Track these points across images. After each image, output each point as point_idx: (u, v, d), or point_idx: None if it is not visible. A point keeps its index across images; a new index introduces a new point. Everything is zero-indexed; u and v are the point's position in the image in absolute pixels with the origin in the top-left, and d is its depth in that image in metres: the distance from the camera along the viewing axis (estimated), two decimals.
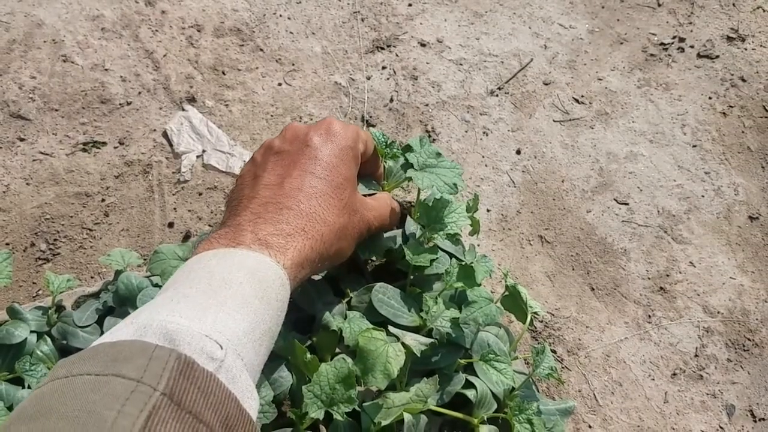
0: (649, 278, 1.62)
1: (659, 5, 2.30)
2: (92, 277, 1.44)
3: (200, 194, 1.61)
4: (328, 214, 0.82)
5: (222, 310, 0.61)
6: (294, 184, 0.81)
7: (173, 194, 1.61)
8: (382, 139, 1.09)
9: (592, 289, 1.58)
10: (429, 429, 1.18)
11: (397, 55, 1.88)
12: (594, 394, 1.43)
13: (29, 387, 1.15)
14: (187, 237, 1.55)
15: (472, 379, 1.23)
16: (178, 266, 1.28)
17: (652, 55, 2.15)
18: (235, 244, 0.72)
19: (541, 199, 1.69)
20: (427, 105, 1.79)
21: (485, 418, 1.18)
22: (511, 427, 1.14)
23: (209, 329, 0.57)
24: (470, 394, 1.19)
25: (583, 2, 2.23)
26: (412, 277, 1.32)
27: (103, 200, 1.59)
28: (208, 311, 0.60)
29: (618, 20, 2.22)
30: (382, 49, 1.89)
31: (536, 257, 1.59)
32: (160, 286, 1.27)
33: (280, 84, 1.78)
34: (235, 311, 0.62)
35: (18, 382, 1.16)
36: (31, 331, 1.21)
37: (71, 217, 1.56)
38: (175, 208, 1.59)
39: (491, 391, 1.21)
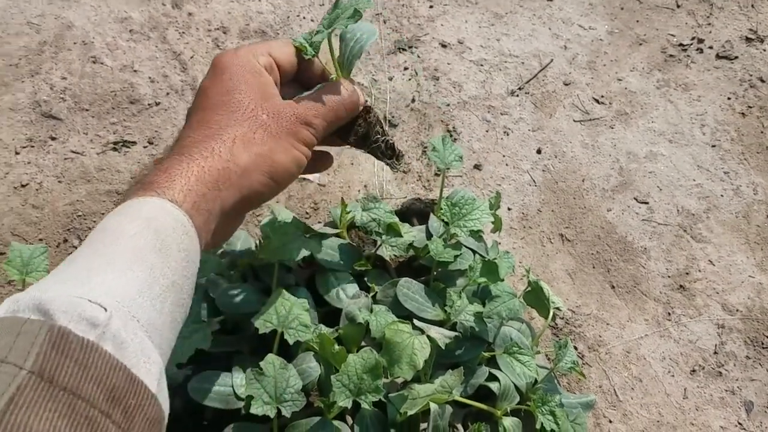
0: (668, 276, 1.64)
1: (678, 6, 2.31)
2: None
3: None
4: (217, 142, 0.70)
5: (110, 269, 0.55)
6: (184, 132, 0.74)
7: None
8: (305, 38, 0.84)
9: (613, 287, 1.60)
10: (453, 420, 1.21)
11: (418, 56, 1.91)
12: (614, 390, 1.45)
13: None
14: None
15: (495, 372, 1.26)
16: (212, 259, 1.32)
17: (671, 55, 2.17)
18: (132, 197, 0.65)
19: (561, 198, 1.71)
20: (448, 105, 1.82)
21: (508, 410, 1.21)
22: (535, 419, 1.16)
23: (93, 292, 0.51)
24: (494, 386, 1.22)
25: (602, 4, 2.24)
26: (435, 272, 1.35)
27: None
28: (93, 272, 0.54)
29: (637, 21, 2.24)
30: (404, 50, 1.92)
31: (557, 255, 1.62)
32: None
33: None
34: (126, 268, 0.55)
35: None
36: None
37: (102, 214, 1.60)
38: None
39: (514, 384, 1.24)
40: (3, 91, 1.76)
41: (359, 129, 0.83)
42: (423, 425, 1.23)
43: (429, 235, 1.37)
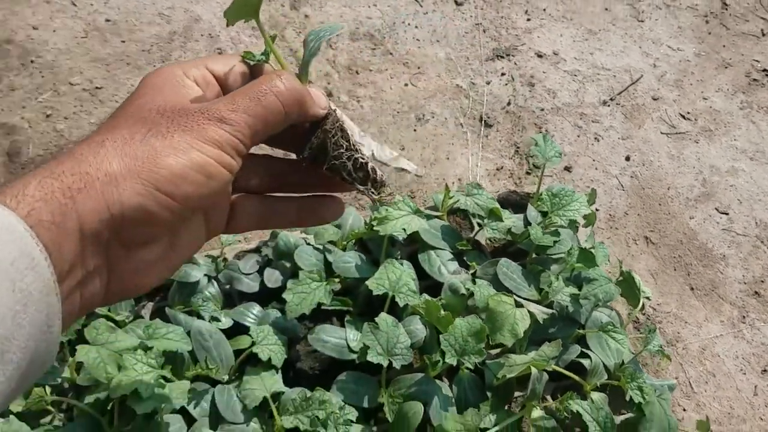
0: (745, 283, 1.71)
1: (763, 35, 2.38)
2: (245, 238, 1.63)
3: None
4: (81, 146, 0.52)
5: None
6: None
7: None
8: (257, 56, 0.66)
9: (692, 289, 1.68)
10: (543, 391, 1.32)
11: (515, 64, 2.04)
12: (689, 382, 1.53)
13: (202, 318, 1.35)
14: None
15: (585, 351, 1.36)
16: (330, 230, 1.46)
17: (755, 80, 2.23)
18: None
19: (647, 203, 1.80)
20: (542, 110, 1.94)
21: (598, 384, 1.30)
22: (624, 392, 1.26)
23: None
24: (585, 362, 1.32)
25: (690, 27, 2.33)
26: (532, 257, 1.47)
27: None
28: None
29: (723, 46, 2.31)
30: (502, 57, 2.05)
31: (641, 256, 1.71)
32: (312, 245, 1.45)
33: (406, 84, 1.96)
34: None
35: (191, 313, 1.36)
36: (204, 275, 1.42)
37: None
38: None
39: (603, 363, 1.33)
40: (136, 73, 1.96)
41: (315, 140, 0.63)
42: (517, 393, 1.34)
43: (527, 223, 1.48)
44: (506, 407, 1.31)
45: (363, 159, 0.64)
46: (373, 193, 0.65)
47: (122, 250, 0.53)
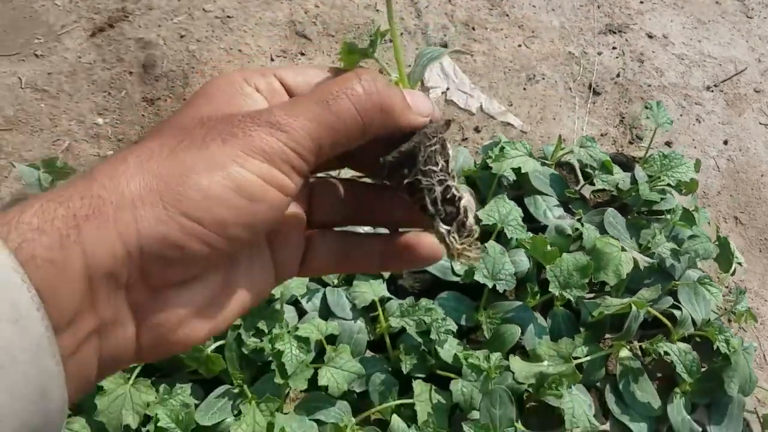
0: None
1: None
2: None
3: None
4: (104, 164, 0.42)
5: None
6: None
7: None
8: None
9: None
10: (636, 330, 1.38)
11: (626, 40, 2.10)
12: (764, 354, 1.59)
13: None
14: None
15: (676, 303, 1.43)
16: None
17: None
18: None
19: (740, 186, 1.85)
20: (649, 86, 1.99)
21: (686, 335, 1.37)
22: (712, 343, 1.33)
23: None
24: (676, 313, 1.39)
25: None
26: (636, 212, 1.54)
27: None
28: None
29: None
30: (614, 33, 2.11)
31: (729, 234, 1.76)
32: None
33: (519, 45, 2.03)
34: None
35: None
36: None
37: None
38: None
39: (691, 316, 1.40)
40: (265, 8, 2.08)
41: (405, 146, 0.49)
42: (606, 336, 1.42)
43: (633, 181, 1.55)
44: (596, 344, 1.39)
45: (457, 192, 0.49)
46: (454, 239, 0.49)
47: (151, 294, 0.42)
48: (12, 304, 0.34)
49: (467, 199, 0.50)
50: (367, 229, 0.61)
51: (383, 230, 0.53)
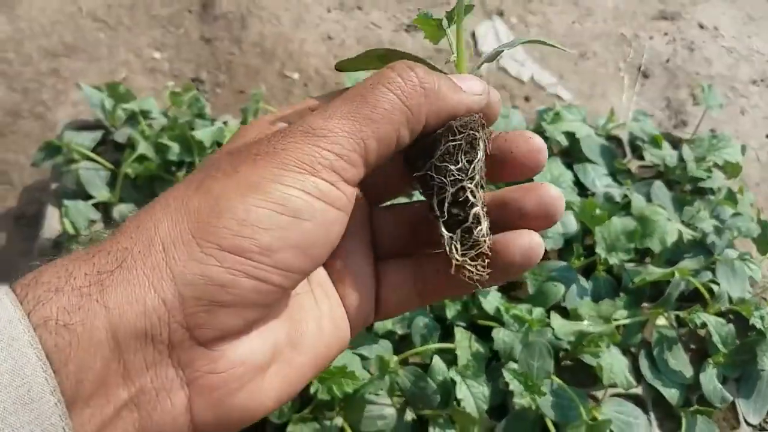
0: None
1: None
2: None
3: None
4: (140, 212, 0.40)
5: None
6: None
7: None
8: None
9: None
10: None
11: (678, 28, 2.12)
12: None
13: None
14: None
15: (714, 279, 1.46)
16: (500, 121, 1.57)
17: None
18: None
19: None
20: (697, 74, 2.01)
21: (722, 309, 1.40)
22: (748, 318, 1.36)
23: None
24: (714, 287, 1.42)
25: None
26: (682, 189, 1.57)
27: None
28: None
29: None
30: (666, 19, 2.13)
31: None
32: None
33: (573, 22, 2.05)
34: None
35: None
36: None
37: None
38: None
39: (728, 292, 1.43)
40: None
41: (434, 134, 0.46)
42: (644, 304, 1.45)
43: (680, 159, 1.58)
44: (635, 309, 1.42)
45: (473, 197, 0.45)
46: (455, 249, 0.44)
47: (201, 351, 0.35)
48: (24, 383, 0.29)
49: (481, 210, 0.45)
50: None
51: None
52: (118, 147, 1.55)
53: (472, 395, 1.21)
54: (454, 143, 0.45)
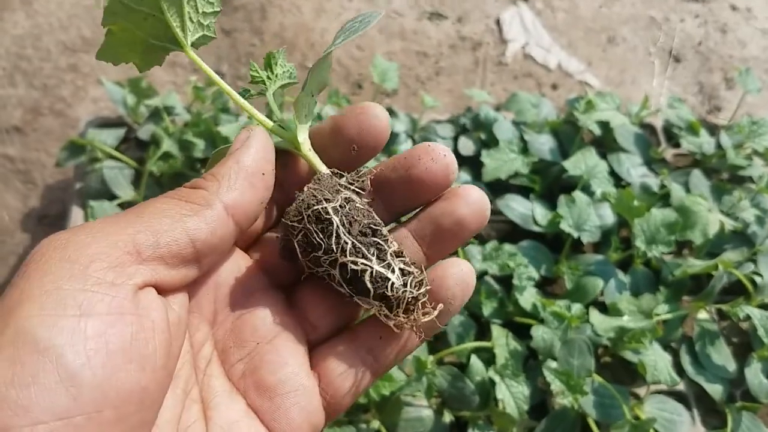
0: None
1: None
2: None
3: (515, 78, 1.87)
4: None
5: None
6: None
7: (493, 72, 1.88)
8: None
9: None
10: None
11: (709, 10, 2.05)
12: None
13: None
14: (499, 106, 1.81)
15: (756, 271, 1.41)
16: (532, 110, 1.53)
17: None
18: None
19: None
20: (731, 56, 1.95)
21: (765, 301, 1.36)
22: None
23: None
24: (757, 279, 1.37)
25: None
26: (724, 175, 1.52)
27: (436, 62, 1.88)
28: None
29: None
30: (697, 1, 2.07)
31: None
32: (511, 120, 1.53)
33: (601, 6, 2.00)
34: None
35: None
36: (404, 131, 1.52)
37: (410, 68, 1.86)
38: (492, 84, 1.86)
39: None
40: None
41: (281, 246, 0.48)
42: (684, 297, 1.41)
43: (717, 146, 1.53)
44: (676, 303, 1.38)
45: (363, 264, 0.44)
46: (386, 315, 0.45)
47: None
48: None
49: (380, 264, 0.44)
50: None
51: None
52: (140, 144, 1.53)
53: (512, 395, 1.17)
54: (300, 236, 0.44)
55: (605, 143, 1.55)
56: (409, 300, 0.44)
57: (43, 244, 0.39)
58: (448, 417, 1.21)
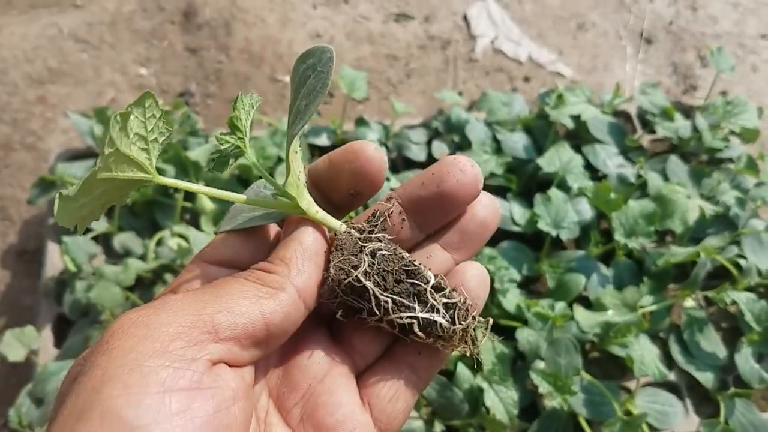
0: None
1: None
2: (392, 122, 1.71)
3: (487, 73, 1.85)
4: None
5: None
6: None
7: (465, 69, 1.86)
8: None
9: None
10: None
11: None
12: None
13: None
14: (472, 104, 1.80)
15: (740, 253, 1.40)
16: (503, 109, 1.51)
17: None
18: None
19: None
20: (703, 34, 1.94)
21: (752, 284, 1.35)
22: None
23: None
24: (741, 262, 1.36)
25: None
26: (703, 157, 1.50)
27: (406, 64, 1.86)
28: None
29: None
30: None
31: None
32: (482, 121, 1.51)
33: None
34: None
35: None
36: (377, 139, 1.50)
37: (380, 73, 1.84)
38: (464, 81, 1.84)
39: (756, 265, 1.37)
40: None
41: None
42: (669, 286, 1.40)
43: (693, 129, 1.51)
44: (661, 294, 1.37)
45: (405, 318, 0.45)
46: (442, 341, 0.46)
47: None
48: None
49: (421, 316, 0.45)
50: None
51: None
52: None
53: (501, 401, 1.16)
54: (342, 309, 0.46)
55: (580, 135, 1.54)
56: (461, 332, 0.45)
57: (122, 320, 0.40)
58: (439, 427, 1.20)
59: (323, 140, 1.53)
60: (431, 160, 1.51)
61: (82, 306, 1.29)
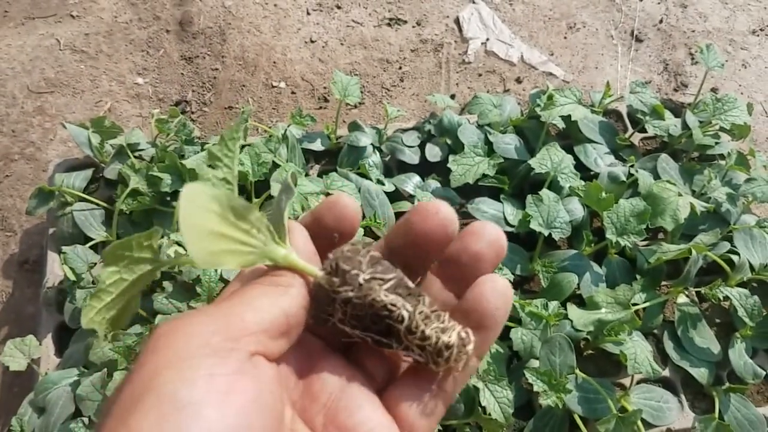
0: None
1: None
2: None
3: (480, 75, 1.87)
4: None
5: None
6: None
7: (457, 72, 1.87)
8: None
9: None
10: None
11: None
12: None
13: (369, 180, 1.46)
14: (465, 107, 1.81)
15: (733, 249, 1.41)
16: (494, 111, 1.53)
17: None
18: None
19: None
20: (693, 31, 1.95)
21: (745, 279, 1.36)
22: None
23: None
24: (734, 258, 1.37)
25: None
26: (691, 157, 1.52)
27: (400, 68, 1.88)
28: None
29: None
30: None
31: None
32: (475, 124, 1.53)
33: None
34: None
35: (359, 176, 1.47)
36: (370, 144, 1.52)
37: (374, 77, 1.86)
38: (457, 84, 1.85)
39: (748, 261, 1.39)
40: None
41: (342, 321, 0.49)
42: (662, 283, 1.41)
43: (684, 126, 1.53)
44: (654, 291, 1.38)
45: (418, 328, 0.45)
46: (437, 364, 0.46)
47: None
48: None
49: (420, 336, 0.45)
50: None
51: None
52: (109, 183, 1.53)
53: (497, 401, 1.18)
54: (352, 310, 0.47)
55: (571, 134, 1.55)
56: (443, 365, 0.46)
57: (162, 327, 0.45)
58: (436, 427, 1.22)
59: (317, 145, 1.55)
60: (425, 162, 1.52)
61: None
